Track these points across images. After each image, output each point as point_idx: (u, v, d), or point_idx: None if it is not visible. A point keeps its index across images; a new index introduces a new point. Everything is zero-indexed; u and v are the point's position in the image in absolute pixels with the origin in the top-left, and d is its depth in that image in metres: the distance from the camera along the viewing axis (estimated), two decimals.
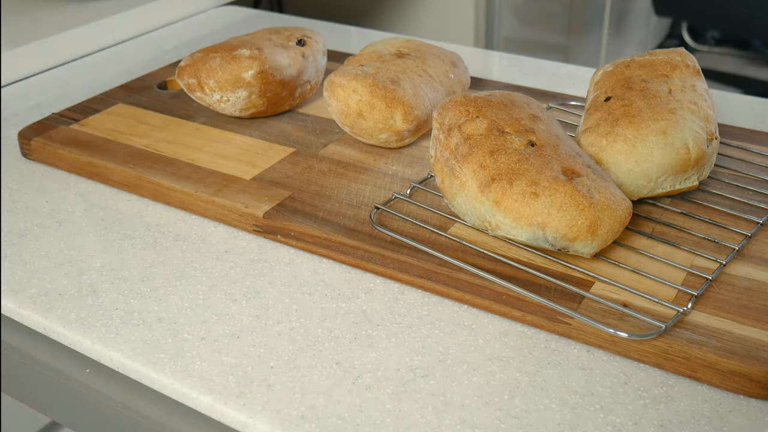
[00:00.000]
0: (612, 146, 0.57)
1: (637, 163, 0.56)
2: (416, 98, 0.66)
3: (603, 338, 0.48)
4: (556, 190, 0.51)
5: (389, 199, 0.61)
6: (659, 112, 0.57)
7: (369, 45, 0.73)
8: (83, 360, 0.53)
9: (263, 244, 0.60)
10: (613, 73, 0.63)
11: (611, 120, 0.58)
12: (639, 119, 0.57)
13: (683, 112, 0.58)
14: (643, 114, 0.58)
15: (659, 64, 0.62)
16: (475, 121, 0.56)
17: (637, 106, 0.58)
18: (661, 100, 0.59)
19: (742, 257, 0.54)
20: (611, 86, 0.62)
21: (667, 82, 0.60)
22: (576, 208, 0.51)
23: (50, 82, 0.90)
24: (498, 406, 0.45)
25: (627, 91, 0.60)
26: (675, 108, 0.58)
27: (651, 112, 0.58)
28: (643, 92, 0.60)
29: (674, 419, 0.44)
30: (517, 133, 0.55)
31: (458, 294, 0.53)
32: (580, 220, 0.51)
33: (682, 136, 0.56)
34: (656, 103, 0.58)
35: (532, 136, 0.55)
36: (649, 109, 0.58)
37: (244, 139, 0.71)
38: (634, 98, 0.59)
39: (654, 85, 0.60)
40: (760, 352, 0.45)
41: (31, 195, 0.66)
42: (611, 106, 0.60)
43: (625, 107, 0.59)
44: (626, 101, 0.59)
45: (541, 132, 0.56)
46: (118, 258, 0.58)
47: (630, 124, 0.57)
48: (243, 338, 0.50)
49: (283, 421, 0.44)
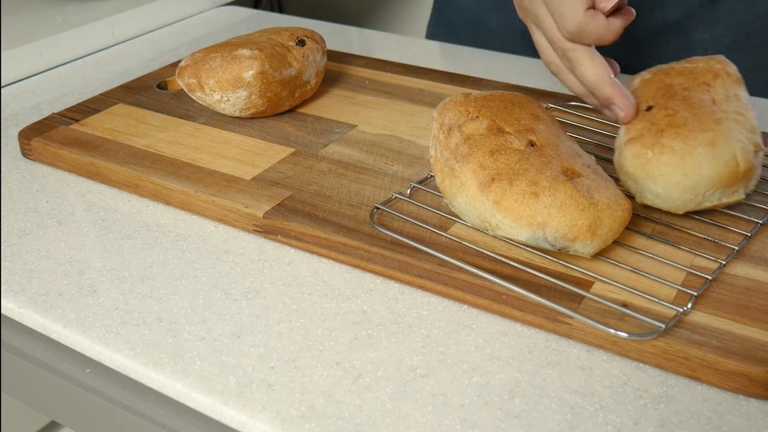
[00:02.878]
0: (658, 158, 0.55)
1: (686, 176, 0.54)
2: None
3: (603, 338, 0.48)
4: (556, 190, 0.51)
5: (389, 199, 0.61)
6: (706, 123, 0.56)
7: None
8: (83, 360, 0.53)
9: (263, 244, 0.60)
10: (652, 81, 0.61)
11: (656, 130, 0.56)
12: (685, 130, 0.55)
13: (729, 122, 0.56)
14: (690, 124, 0.56)
15: (700, 72, 0.60)
16: (475, 121, 0.56)
17: (682, 116, 0.56)
18: (706, 109, 0.57)
19: (742, 257, 0.54)
20: (652, 94, 0.60)
21: (710, 91, 0.59)
22: (576, 207, 0.51)
23: (50, 82, 0.90)
24: (498, 406, 0.45)
25: (669, 100, 0.58)
26: (721, 118, 0.56)
27: (697, 123, 0.56)
28: (686, 101, 0.58)
29: (674, 419, 0.44)
30: (517, 133, 0.55)
31: (458, 294, 0.53)
32: (580, 220, 0.51)
33: (731, 148, 0.55)
34: (701, 113, 0.56)
35: (532, 136, 0.55)
36: (695, 119, 0.56)
37: (244, 139, 0.71)
38: (678, 108, 0.57)
39: (696, 94, 0.58)
40: (760, 352, 0.45)
41: (31, 195, 0.66)
42: (654, 115, 0.58)
43: (669, 117, 0.57)
44: (670, 111, 0.57)
45: (541, 132, 0.56)
46: (118, 258, 0.58)
47: (676, 135, 0.55)
48: (243, 338, 0.50)
49: (283, 421, 0.44)
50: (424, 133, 0.71)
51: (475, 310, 0.52)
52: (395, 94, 0.79)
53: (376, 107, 0.77)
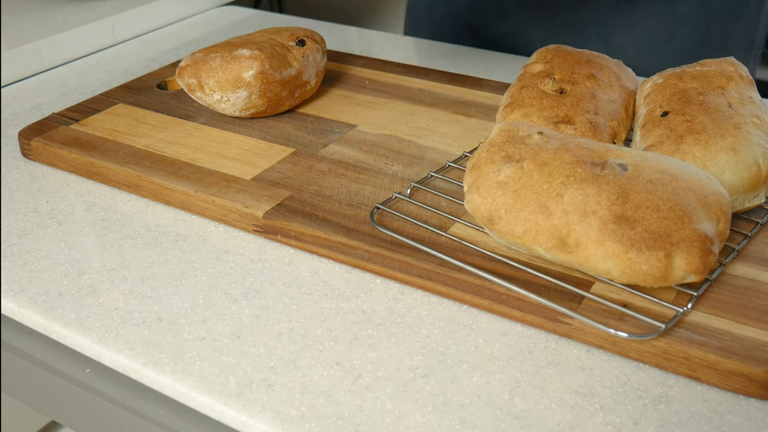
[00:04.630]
0: None
1: None
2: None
3: (603, 338, 0.48)
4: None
5: (389, 199, 0.61)
6: (725, 128, 0.55)
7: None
8: (83, 360, 0.53)
9: (263, 244, 0.60)
10: (665, 85, 0.61)
11: (675, 137, 0.56)
12: (705, 136, 0.55)
13: (748, 126, 0.55)
14: (709, 130, 0.55)
15: (713, 75, 0.60)
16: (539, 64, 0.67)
17: (700, 121, 0.56)
18: (724, 114, 0.56)
19: (742, 257, 0.54)
20: (666, 99, 0.59)
21: (724, 94, 0.58)
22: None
23: (50, 82, 0.90)
24: (498, 406, 0.45)
25: (686, 105, 0.58)
26: (739, 123, 0.55)
27: (716, 128, 0.55)
28: (702, 106, 0.57)
29: (674, 419, 0.44)
30: (560, 81, 0.64)
31: (458, 294, 0.53)
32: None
33: (752, 153, 0.54)
34: (719, 117, 0.56)
35: (568, 87, 0.63)
36: (713, 124, 0.55)
37: (244, 139, 0.71)
38: (695, 113, 0.57)
39: (712, 98, 0.58)
40: (760, 352, 0.45)
41: (31, 195, 0.66)
42: (671, 121, 0.57)
43: (687, 123, 0.56)
44: (687, 116, 0.57)
45: (581, 88, 0.62)
46: (118, 258, 0.58)
47: (696, 141, 0.55)
48: (243, 338, 0.50)
49: (283, 421, 0.44)
50: (424, 133, 0.71)
51: (475, 310, 0.52)
52: (395, 94, 0.79)
53: (376, 107, 0.77)
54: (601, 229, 0.48)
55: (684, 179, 0.50)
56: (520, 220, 0.50)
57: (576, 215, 0.49)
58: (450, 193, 0.62)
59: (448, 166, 0.65)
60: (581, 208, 0.49)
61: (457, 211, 0.59)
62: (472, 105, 0.77)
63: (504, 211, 0.51)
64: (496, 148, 0.54)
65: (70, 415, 0.55)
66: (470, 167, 0.54)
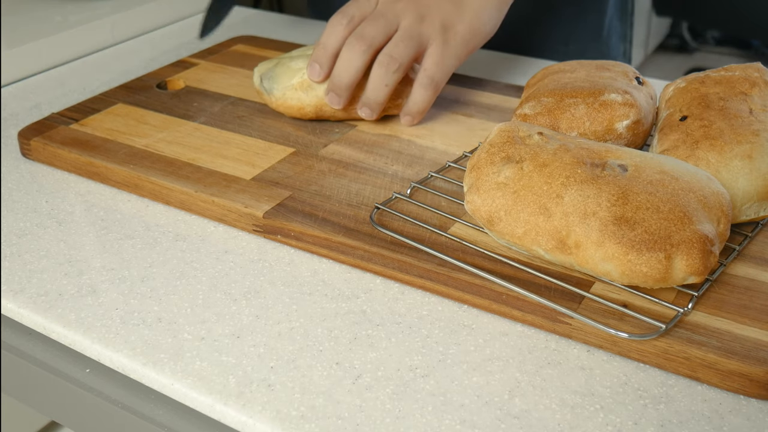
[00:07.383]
0: None
1: None
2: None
3: (603, 338, 0.48)
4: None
5: (389, 199, 0.61)
6: (742, 135, 0.54)
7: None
8: (83, 360, 0.53)
9: (263, 244, 0.60)
10: (687, 89, 0.60)
11: (690, 142, 0.55)
12: (721, 142, 0.54)
13: (767, 134, 0.55)
14: (725, 136, 0.55)
15: (737, 80, 0.59)
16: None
17: (718, 127, 0.55)
18: (743, 120, 0.55)
19: (742, 257, 0.54)
20: (686, 104, 0.59)
21: (747, 100, 0.57)
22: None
23: (50, 82, 0.90)
24: (498, 406, 0.45)
25: (705, 110, 0.57)
26: (758, 130, 0.55)
27: (733, 134, 0.54)
28: (722, 112, 0.57)
29: (674, 419, 0.44)
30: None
31: (458, 294, 0.53)
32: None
33: None
34: (738, 123, 0.55)
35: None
36: (731, 130, 0.55)
37: (244, 139, 0.71)
38: (713, 118, 0.56)
39: (733, 103, 0.57)
40: (760, 352, 0.45)
41: (31, 195, 0.66)
42: (689, 126, 0.57)
43: (704, 128, 0.56)
44: (705, 121, 0.56)
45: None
46: (118, 258, 0.58)
47: (712, 147, 0.54)
48: (243, 338, 0.50)
49: (283, 421, 0.44)
50: (424, 133, 0.71)
51: (475, 310, 0.52)
52: None
53: None
54: (601, 231, 0.48)
55: (684, 180, 0.50)
56: (520, 221, 0.50)
57: (576, 217, 0.49)
58: (450, 193, 0.62)
59: (448, 166, 0.65)
60: (581, 209, 0.49)
61: (457, 211, 0.59)
62: (472, 105, 0.77)
63: (504, 213, 0.51)
64: (496, 148, 0.54)
65: (70, 415, 0.55)
66: (470, 168, 0.55)
